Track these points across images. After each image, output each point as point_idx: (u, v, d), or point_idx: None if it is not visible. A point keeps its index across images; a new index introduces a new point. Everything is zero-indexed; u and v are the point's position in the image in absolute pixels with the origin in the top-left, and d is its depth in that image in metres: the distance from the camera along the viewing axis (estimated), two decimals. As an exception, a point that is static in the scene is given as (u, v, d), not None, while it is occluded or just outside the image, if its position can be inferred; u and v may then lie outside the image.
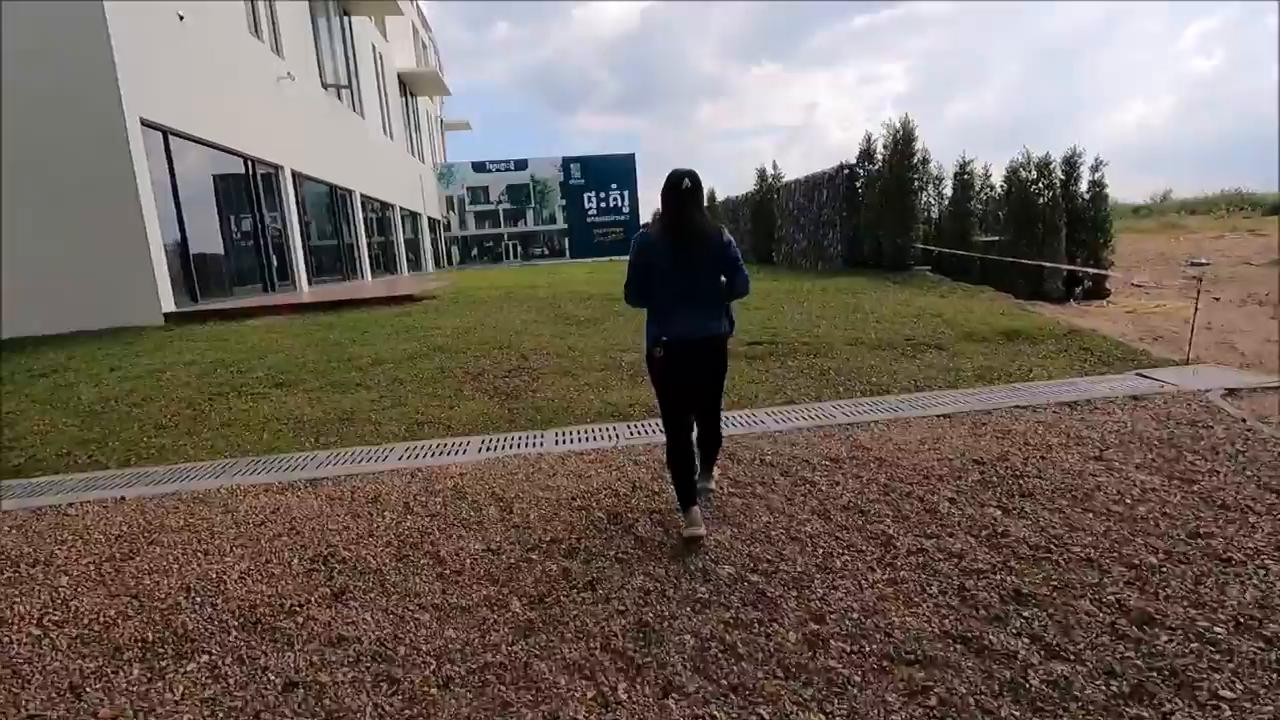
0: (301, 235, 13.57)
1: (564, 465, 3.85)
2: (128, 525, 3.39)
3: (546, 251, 34.00)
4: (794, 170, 14.02)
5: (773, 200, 15.00)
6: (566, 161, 33.03)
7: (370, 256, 19.16)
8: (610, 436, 4.41)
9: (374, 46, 21.19)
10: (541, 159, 33.23)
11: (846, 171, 11.08)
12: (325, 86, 15.89)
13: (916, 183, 9.81)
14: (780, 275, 11.57)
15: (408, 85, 26.33)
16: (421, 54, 30.55)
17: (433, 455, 4.25)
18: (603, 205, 33.32)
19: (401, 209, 23.54)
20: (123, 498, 3.83)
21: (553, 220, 33.85)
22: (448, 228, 32.93)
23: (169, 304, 8.55)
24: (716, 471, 3.49)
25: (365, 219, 18.92)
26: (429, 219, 28.56)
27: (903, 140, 9.70)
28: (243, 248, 11.59)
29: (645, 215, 32.90)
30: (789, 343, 6.30)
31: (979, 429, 4.06)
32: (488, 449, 4.31)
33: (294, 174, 13.57)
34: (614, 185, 33.28)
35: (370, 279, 18.38)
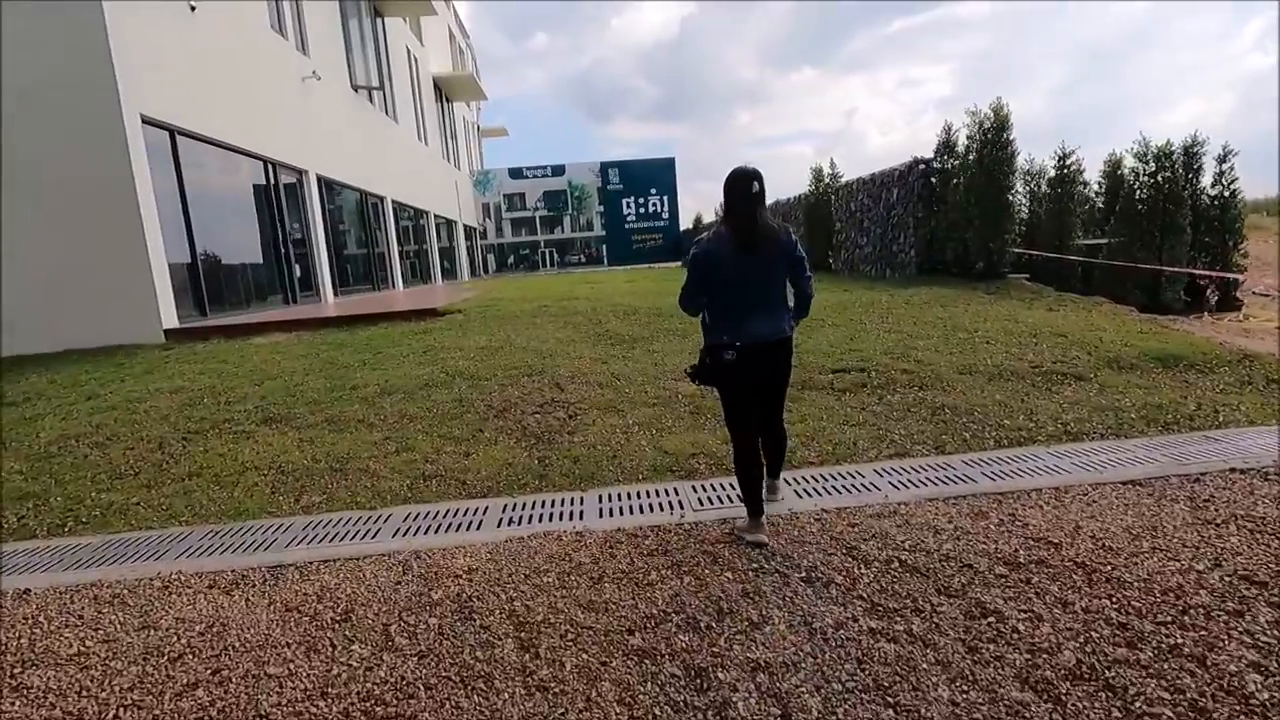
0: (327, 244, 12.83)
1: (612, 558, 2.76)
2: (2, 646, 2.41)
3: (583, 259, 33.19)
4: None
5: (830, 202, 13.74)
6: (605, 167, 32.20)
7: (403, 266, 18.48)
8: (672, 504, 3.31)
9: (409, 50, 20.62)
10: (579, 164, 32.48)
11: (922, 167, 9.80)
12: (355, 88, 15.23)
13: (1011, 177, 8.48)
14: (846, 284, 10.32)
15: (444, 90, 25.80)
16: (459, 59, 30.11)
17: (437, 529, 3.21)
18: (641, 211, 32.37)
19: (436, 216, 22.91)
20: (27, 590, 2.88)
21: (590, 227, 33.06)
22: (484, 235, 32.36)
23: (171, 319, 7.76)
24: (846, 585, 2.38)
25: (397, 227, 18.25)
26: (465, 226, 27.97)
27: (994, 129, 8.40)
28: (262, 257, 10.85)
29: (685, 221, 31.85)
30: (884, 370, 5.11)
31: (1205, 510, 2.83)
32: (510, 521, 3.25)
33: (320, 179, 12.86)
34: (653, 190, 32.33)
35: (402, 289, 17.67)
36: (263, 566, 2.96)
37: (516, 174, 32.37)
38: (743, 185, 2.75)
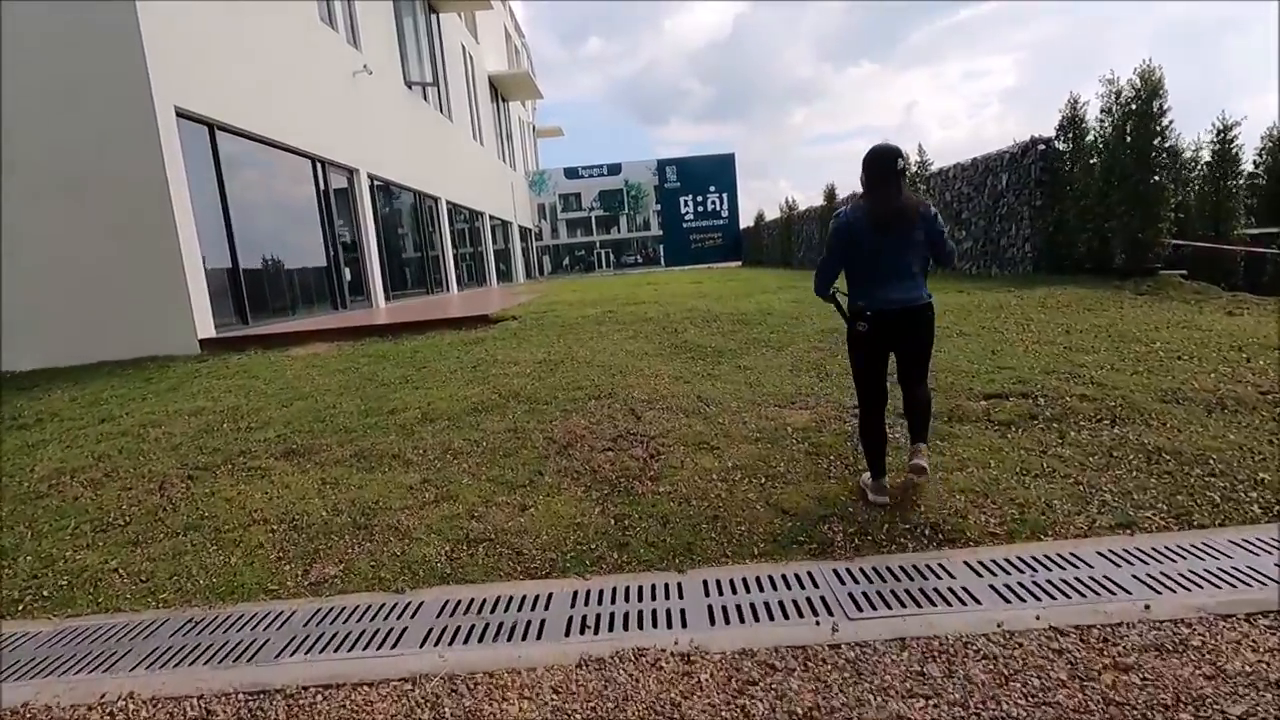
0: (379, 246, 12.28)
1: (744, 714, 1.77)
2: None
3: (640, 259, 32.37)
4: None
5: (919, 193, 12.40)
6: (662, 164, 31.29)
7: (458, 269, 17.96)
8: (813, 602, 2.32)
9: (464, 47, 20.15)
10: (635, 163, 31.69)
11: (1042, 147, 8.45)
12: (409, 84, 14.72)
13: (1164, 155, 7.05)
14: (956, 283, 9.02)
15: (499, 89, 25.35)
16: (514, 59, 29.71)
17: (483, 633, 2.30)
18: (700, 209, 31.30)
19: (491, 218, 22.42)
20: (-78, 720, 2.09)
21: (647, 226, 32.21)
22: (539, 237, 31.90)
23: (207, 329, 7.18)
24: None
25: (452, 228, 17.74)
26: (520, 228, 27.50)
27: (1144, 98, 7.02)
28: (310, 260, 10.31)
29: (746, 219, 30.61)
30: (1055, 396, 3.95)
31: None
32: (584, 622, 2.32)
33: (371, 179, 12.33)
34: (712, 188, 31.22)
35: (457, 292, 17.14)
36: (240, 691, 2.11)
37: (572, 174, 31.78)
38: (881, 163, 2.80)
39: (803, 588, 2.43)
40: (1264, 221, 8.68)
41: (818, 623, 2.20)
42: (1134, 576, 2.33)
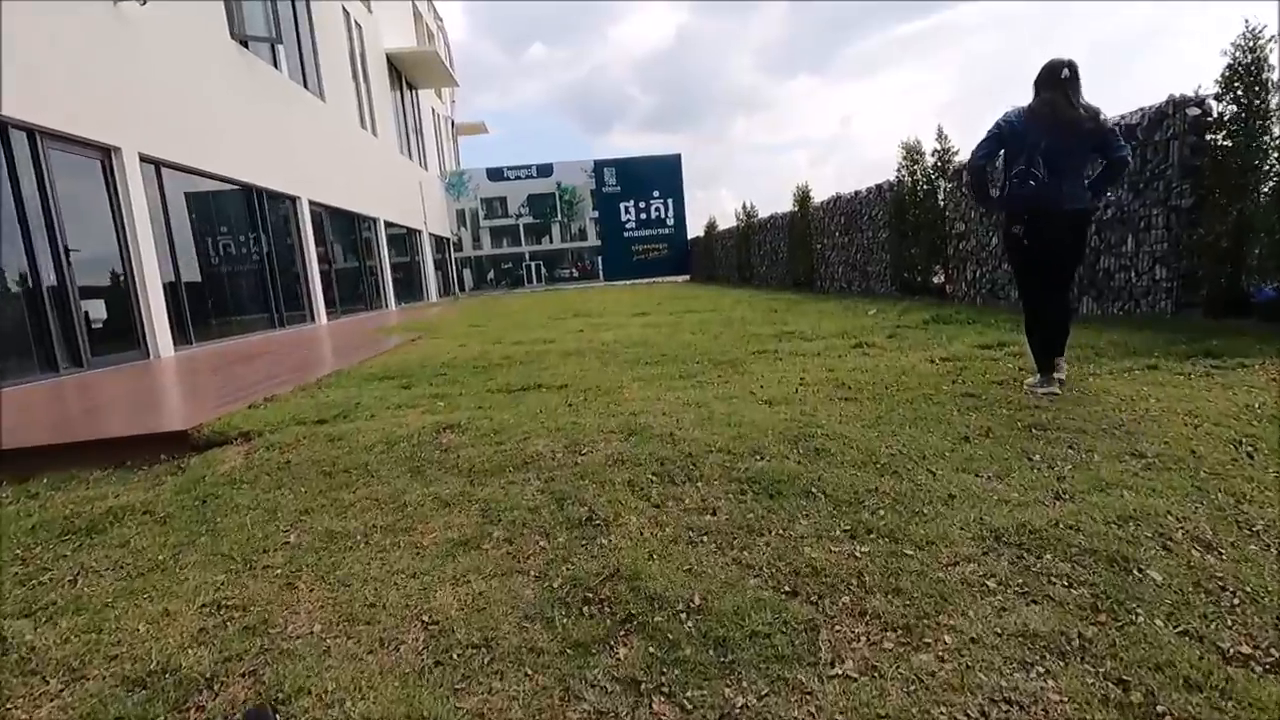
0: (160, 264, 8.19)
1: None
2: None
3: (575, 273, 28.66)
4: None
5: (939, 192, 9.18)
6: (599, 165, 27.70)
7: (329, 290, 13.85)
8: None
9: (347, 12, 16.11)
10: (569, 163, 27.97)
11: (1195, 112, 5.28)
12: (243, 41, 10.65)
13: None
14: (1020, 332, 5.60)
15: (403, 73, 21.29)
16: (425, 42, 25.65)
17: None
18: (643, 217, 27.85)
19: (389, 225, 18.32)
20: None
21: (583, 236, 28.52)
22: (459, 247, 27.77)
23: None
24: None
25: (320, 237, 13.64)
26: (432, 237, 23.36)
27: None
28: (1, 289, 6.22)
29: (694, 227, 27.30)
30: None
31: None
32: None
33: (152, 164, 8.27)
34: (656, 193, 27.83)
35: (325, 321, 13.05)
36: None
37: (496, 175, 27.81)
38: (1051, 71, 3.07)
39: None
40: None
41: None
42: None
